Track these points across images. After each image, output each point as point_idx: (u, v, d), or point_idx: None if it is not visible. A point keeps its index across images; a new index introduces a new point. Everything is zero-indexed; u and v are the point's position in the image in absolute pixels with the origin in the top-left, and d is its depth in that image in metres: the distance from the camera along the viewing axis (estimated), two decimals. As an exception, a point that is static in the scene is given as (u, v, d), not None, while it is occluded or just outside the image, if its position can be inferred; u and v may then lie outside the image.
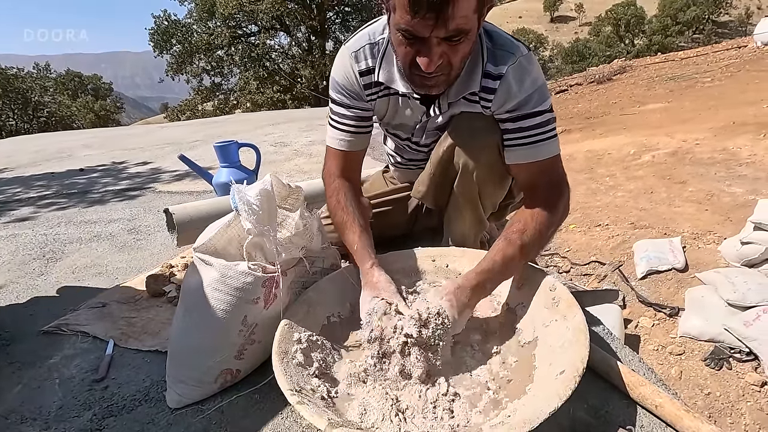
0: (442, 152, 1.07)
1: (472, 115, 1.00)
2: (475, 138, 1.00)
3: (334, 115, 1.08)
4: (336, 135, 1.08)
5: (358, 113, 1.06)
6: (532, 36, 47.62)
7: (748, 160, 4.04)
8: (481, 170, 1.03)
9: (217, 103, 19.05)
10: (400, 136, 1.18)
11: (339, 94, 1.05)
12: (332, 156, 1.10)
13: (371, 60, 1.00)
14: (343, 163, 1.10)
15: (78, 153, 4.74)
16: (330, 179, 1.10)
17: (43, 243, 2.03)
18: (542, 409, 0.66)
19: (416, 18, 0.75)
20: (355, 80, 1.02)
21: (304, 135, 4.64)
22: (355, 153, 1.10)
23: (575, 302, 0.87)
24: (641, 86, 9.67)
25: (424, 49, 0.81)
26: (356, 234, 1.01)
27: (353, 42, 1.01)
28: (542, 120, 0.93)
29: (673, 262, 2.65)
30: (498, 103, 0.95)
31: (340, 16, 18.46)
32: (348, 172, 1.11)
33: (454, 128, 1.04)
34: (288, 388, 0.75)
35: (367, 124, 1.09)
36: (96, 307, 1.33)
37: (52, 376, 1.05)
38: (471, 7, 0.77)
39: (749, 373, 1.92)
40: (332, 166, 1.10)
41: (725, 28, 54.43)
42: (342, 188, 1.08)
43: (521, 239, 0.89)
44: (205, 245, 0.90)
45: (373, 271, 0.95)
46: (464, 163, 1.03)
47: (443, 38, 0.79)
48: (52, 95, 23.57)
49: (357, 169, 1.14)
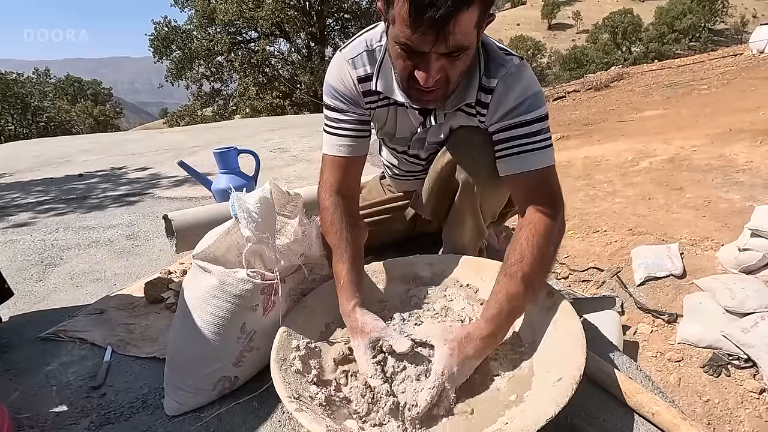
0: (441, 167, 1.06)
1: (471, 130, 0.99)
2: (474, 153, 0.99)
3: (330, 122, 1.03)
4: (334, 141, 1.02)
5: (356, 117, 1.02)
6: (530, 43, 47.95)
7: (744, 166, 4.07)
8: (482, 185, 1.02)
9: (217, 108, 19.10)
10: (396, 148, 1.17)
11: (335, 100, 1.01)
12: (330, 166, 1.03)
13: (369, 67, 0.97)
14: (342, 174, 1.02)
15: (77, 158, 4.74)
16: (326, 194, 1.02)
17: (42, 249, 2.03)
18: (539, 416, 0.67)
19: (417, 33, 0.74)
20: (353, 86, 0.99)
21: (303, 141, 4.66)
22: (355, 160, 1.03)
23: (572, 309, 0.87)
24: (638, 93, 9.74)
25: (423, 64, 0.79)
26: (345, 267, 0.94)
27: (350, 49, 0.98)
28: (534, 129, 0.89)
29: (671, 269, 2.65)
30: (490, 115, 0.94)
31: (339, 23, 18.57)
32: (346, 187, 1.03)
33: (453, 143, 1.03)
34: (286, 395, 0.75)
35: (366, 128, 1.04)
36: (94, 313, 1.32)
37: (49, 383, 1.05)
38: (471, 23, 0.75)
39: (748, 379, 1.92)
40: (330, 178, 1.03)
41: (721, 35, 54.91)
42: (338, 208, 1.00)
43: (522, 270, 0.84)
44: (204, 252, 0.91)
45: (355, 313, 0.88)
46: (465, 179, 1.02)
47: (443, 53, 0.77)
48: (52, 100, 23.62)
49: (356, 180, 1.07)
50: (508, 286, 0.84)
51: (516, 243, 0.88)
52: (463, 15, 0.72)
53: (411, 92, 0.87)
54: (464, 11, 0.72)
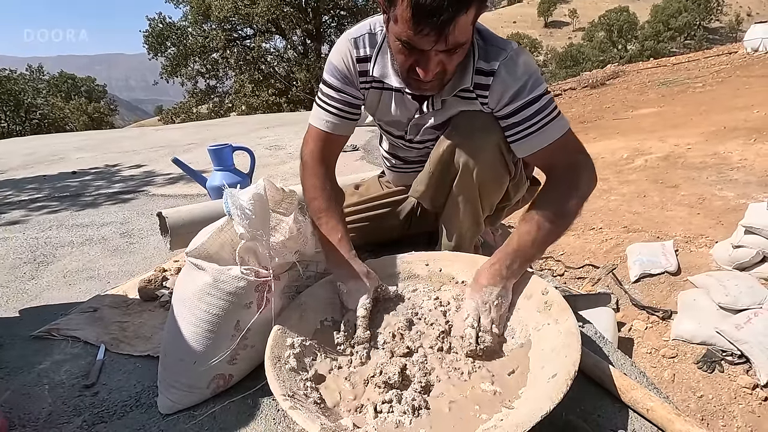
0: (442, 151, 1.07)
1: (472, 114, 1.02)
2: (475, 137, 1.01)
3: (324, 96, 1.08)
4: (322, 115, 1.08)
5: (347, 99, 1.06)
6: (526, 41, 48.04)
7: (738, 164, 4.09)
8: (481, 169, 1.04)
9: (212, 106, 18.99)
10: (393, 132, 1.18)
11: (332, 77, 1.06)
12: (314, 136, 1.11)
13: (369, 49, 1.02)
14: (324, 145, 1.10)
15: (71, 156, 4.70)
16: (310, 160, 1.10)
17: (34, 246, 2.01)
18: (534, 412, 0.67)
19: (418, 35, 0.78)
20: (352, 65, 1.03)
21: (299, 138, 4.60)
22: (337, 137, 1.11)
23: (567, 306, 0.87)
24: (634, 91, 9.78)
25: (423, 60, 0.84)
26: (339, 223, 1.04)
27: (355, 30, 1.04)
28: (542, 104, 0.94)
29: (665, 266, 2.67)
30: (495, 99, 0.97)
31: (335, 20, 18.49)
32: (328, 158, 1.11)
33: (454, 127, 1.05)
34: (281, 393, 0.75)
35: (354, 111, 1.09)
36: (87, 311, 1.31)
37: (41, 382, 1.04)
38: (469, 22, 0.80)
39: (741, 375, 1.94)
40: (314, 147, 1.11)
41: (716, 34, 55.19)
42: (321, 172, 1.09)
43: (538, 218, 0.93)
44: (198, 249, 0.90)
45: (355, 261, 0.99)
46: (464, 162, 1.04)
47: (441, 50, 0.82)
48: (45, 97, 23.41)
49: (336, 154, 1.15)
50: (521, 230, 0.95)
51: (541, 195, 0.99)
52: (461, 17, 0.77)
53: (410, 82, 0.93)
54: (463, 14, 0.77)
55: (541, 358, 0.82)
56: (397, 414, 0.77)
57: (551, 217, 0.93)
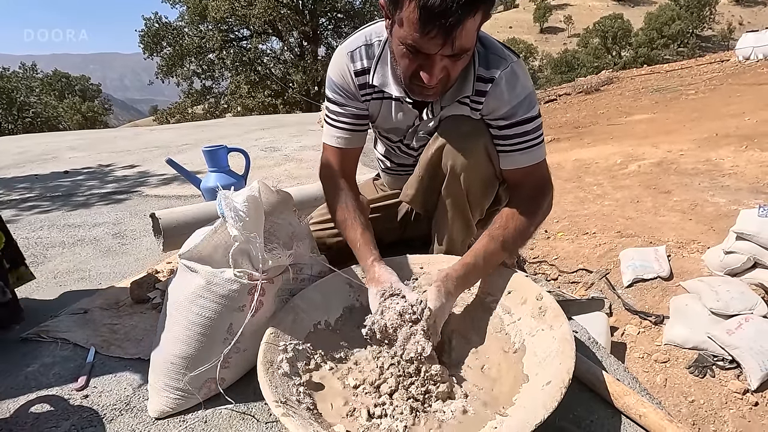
0: (431, 155, 1.08)
1: (460, 118, 1.02)
2: (462, 141, 1.02)
3: (331, 114, 1.10)
4: (333, 132, 1.10)
5: (353, 111, 1.08)
6: (522, 46, 48.38)
7: (730, 171, 4.14)
8: (468, 173, 1.04)
9: (208, 106, 18.93)
10: (391, 138, 1.19)
11: (335, 94, 1.07)
12: (330, 153, 1.12)
13: (366, 61, 1.02)
14: (341, 161, 1.12)
15: (63, 155, 4.66)
16: (329, 178, 1.12)
17: (25, 247, 1.98)
18: (528, 420, 0.66)
19: (425, 38, 0.78)
20: (351, 80, 1.04)
21: (294, 140, 4.63)
22: (352, 151, 1.13)
23: (561, 312, 0.87)
24: (628, 97, 9.88)
25: (428, 65, 0.83)
26: (358, 232, 1.04)
27: (349, 42, 1.03)
28: (533, 126, 0.98)
29: (658, 271, 2.68)
30: (489, 107, 0.98)
31: (332, 22, 18.53)
32: (346, 171, 1.13)
33: (443, 131, 1.05)
34: (273, 399, 0.74)
35: (362, 122, 1.11)
36: (77, 313, 1.29)
37: (29, 385, 1.02)
38: (475, 27, 0.81)
39: (732, 380, 1.95)
40: (331, 163, 1.12)
41: (709, 42, 55.94)
42: (342, 187, 1.10)
43: (503, 236, 0.96)
44: (191, 252, 0.89)
45: (374, 267, 0.99)
46: (452, 166, 1.04)
47: (447, 55, 0.82)
48: (38, 95, 23.21)
49: (354, 166, 1.17)
50: (487, 245, 0.96)
51: (503, 213, 1.00)
52: (469, 21, 0.77)
53: (413, 88, 0.92)
54: (471, 18, 0.77)
55: (535, 364, 0.82)
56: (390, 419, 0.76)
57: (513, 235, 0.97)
